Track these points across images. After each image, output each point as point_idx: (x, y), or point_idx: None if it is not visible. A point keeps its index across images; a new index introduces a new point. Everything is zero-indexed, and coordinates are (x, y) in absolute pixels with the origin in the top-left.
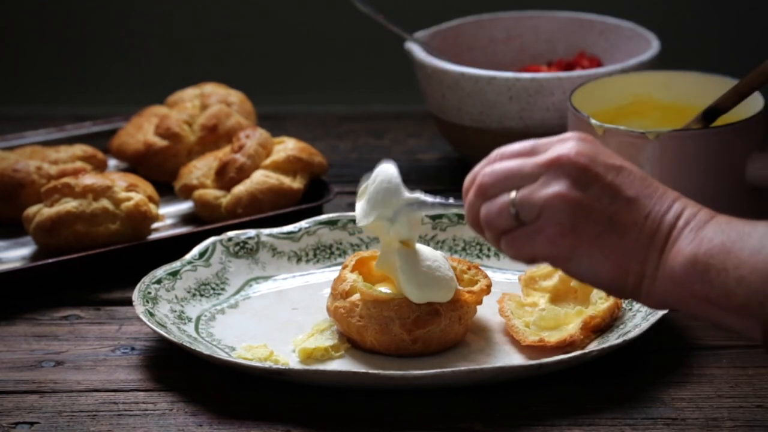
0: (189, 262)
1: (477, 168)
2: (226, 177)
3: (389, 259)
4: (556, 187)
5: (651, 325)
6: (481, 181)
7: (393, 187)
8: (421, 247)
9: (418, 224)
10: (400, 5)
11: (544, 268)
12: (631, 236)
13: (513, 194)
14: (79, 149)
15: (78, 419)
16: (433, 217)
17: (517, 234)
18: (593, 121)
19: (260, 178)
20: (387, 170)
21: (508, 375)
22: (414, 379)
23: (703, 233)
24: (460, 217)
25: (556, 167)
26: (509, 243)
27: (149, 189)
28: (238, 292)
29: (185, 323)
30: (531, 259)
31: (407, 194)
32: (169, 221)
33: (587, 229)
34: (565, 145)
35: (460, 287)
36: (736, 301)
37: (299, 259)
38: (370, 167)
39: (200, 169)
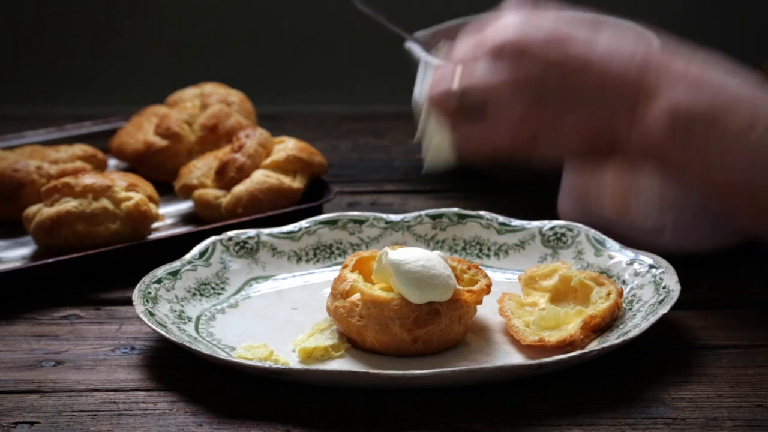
0: (189, 262)
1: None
2: (226, 177)
3: (383, 268)
4: (498, 74)
5: (651, 324)
6: (433, 80)
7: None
8: (413, 249)
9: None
10: (400, 5)
11: (544, 267)
12: (592, 101)
13: (456, 80)
14: (79, 149)
15: (78, 419)
16: (433, 217)
17: (474, 129)
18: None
19: (260, 177)
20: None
21: (508, 375)
22: (414, 379)
23: (686, 86)
24: (460, 216)
25: (496, 52)
26: (467, 139)
27: (149, 189)
28: (238, 291)
29: (185, 323)
30: (491, 156)
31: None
32: (169, 221)
33: (543, 108)
34: (502, 26)
35: (459, 287)
36: (720, 177)
37: (299, 259)
38: (370, 167)
39: (200, 169)
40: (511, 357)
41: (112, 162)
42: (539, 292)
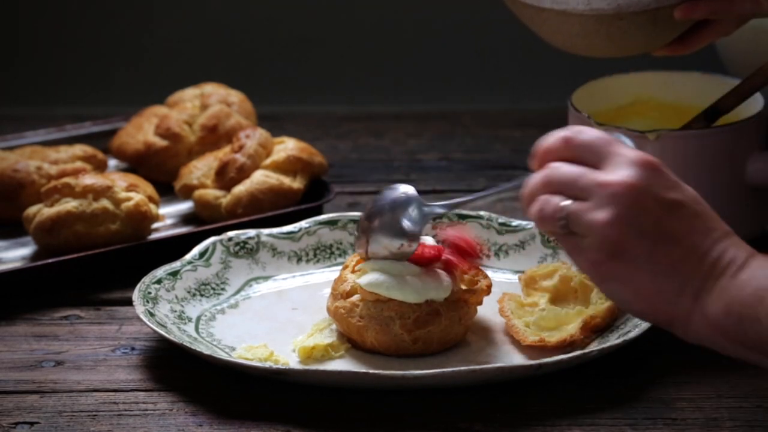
0: (189, 262)
1: (552, 142)
2: (226, 177)
3: (375, 280)
4: (602, 215)
5: (651, 324)
6: (549, 173)
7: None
8: (372, 264)
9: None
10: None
11: (544, 267)
12: (665, 279)
13: (566, 203)
14: (79, 149)
15: (78, 419)
16: (434, 218)
17: (566, 239)
18: (593, 121)
19: (260, 178)
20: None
21: (508, 375)
22: (414, 379)
23: (738, 280)
24: (460, 217)
25: (610, 193)
26: (559, 241)
27: (149, 189)
28: (238, 292)
29: (185, 323)
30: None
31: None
32: (169, 221)
33: (623, 263)
34: (625, 169)
35: (460, 287)
36: None
37: (299, 259)
38: (370, 167)
39: (200, 169)
40: (511, 357)
41: (112, 162)
42: (539, 292)
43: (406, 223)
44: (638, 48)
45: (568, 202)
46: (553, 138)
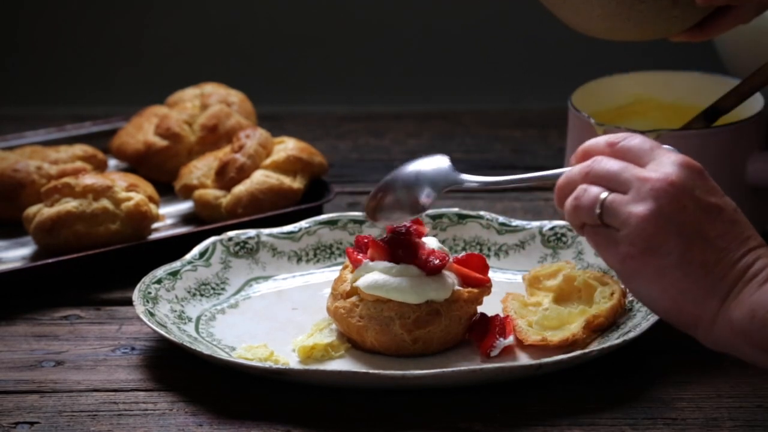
0: (189, 262)
1: (595, 143)
2: (226, 177)
3: (374, 282)
4: (641, 208)
5: (651, 325)
6: (591, 164)
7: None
8: (370, 266)
9: None
10: None
11: (548, 267)
12: (695, 278)
13: (605, 194)
14: (79, 149)
15: (78, 419)
16: (433, 217)
17: (597, 231)
18: (593, 121)
19: (260, 178)
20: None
21: (508, 375)
22: (414, 379)
23: (766, 288)
24: (460, 217)
25: (651, 188)
26: (588, 235)
27: (149, 189)
28: (238, 292)
29: (185, 323)
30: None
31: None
32: (169, 221)
33: (655, 259)
34: (668, 168)
35: (460, 287)
36: None
37: (299, 259)
38: (370, 167)
39: (200, 169)
40: (511, 357)
41: (112, 162)
42: (543, 291)
43: (431, 179)
44: (658, 32)
45: (606, 194)
46: (597, 140)
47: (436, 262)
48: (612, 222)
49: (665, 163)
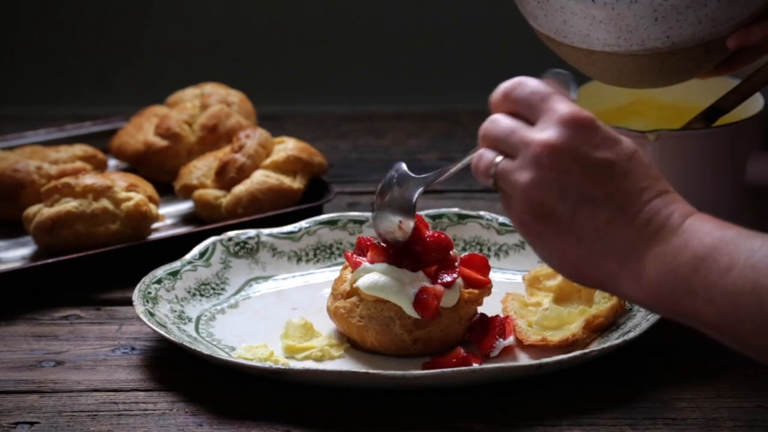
0: (189, 262)
1: (495, 95)
2: (226, 177)
3: (374, 283)
4: (525, 176)
5: (651, 325)
6: (484, 126)
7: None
8: (370, 268)
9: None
10: None
11: (548, 267)
12: (589, 242)
13: (498, 159)
14: (79, 149)
15: (78, 419)
16: (433, 217)
17: (501, 197)
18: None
19: (260, 178)
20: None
21: (508, 375)
22: (414, 379)
23: (671, 246)
24: (460, 217)
25: (532, 154)
26: (499, 196)
27: (149, 189)
28: (238, 292)
29: (185, 323)
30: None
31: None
32: (169, 221)
33: (547, 225)
34: (550, 130)
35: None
36: (708, 322)
37: (299, 259)
38: (370, 167)
39: (200, 169)
40: (511, 357)
41: (112, 162)
42: (543, 292)
43: (397, 200)
44: (687, 77)
45: (500, 159)
46: (497, 91)
47: (448, 279)
48: (505, 188)
49: (549, 122)
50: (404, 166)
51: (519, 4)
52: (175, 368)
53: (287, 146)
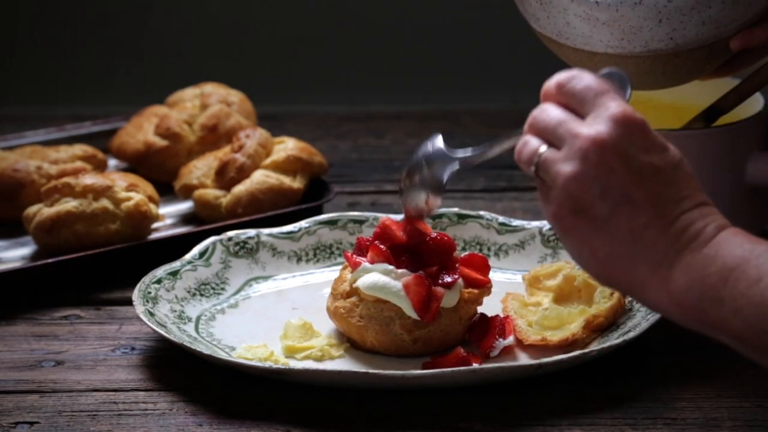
0: (189, 262)
1: (548, 85)
2: (226, 177)
3: (374, 283)
4: (568, 168)
5: (651, 325)
6: (533, 114)
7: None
8: (369, 268)
9: None
10: None
11: (548, 267)
12: (623, 244)
13: (542, 149)
14: (79, 149)
15: (78, 419)
16: (433, 217)
17: (539, 184)
18: None
19: (260, 178)
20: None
21: (508, 375)
22: (414, 379)
23: (702, 255)
24: (460, 217)
25: (579, 147)
26: (537, 185)
27: (149, 189)
28: (238, 292)
29: (185, 323)
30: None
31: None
32: (169, 221)
33: (582, 221)
34: (601, 124)
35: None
36: (733, 331)
37: (299, 259)
38: (370, 167)
39: (200, 169)
40: (511, 357)
41: (112, 162)
42: (543, 291)
43: (428, 176)
44: (690, 79)
45: (544, 148)
46: (551, 81)
47: (448, 280)
48: (546, 178)
49: (600, 118)
50: (440, 141)
51: (520, 5)
52: (175, 368)
53: (287, 146)
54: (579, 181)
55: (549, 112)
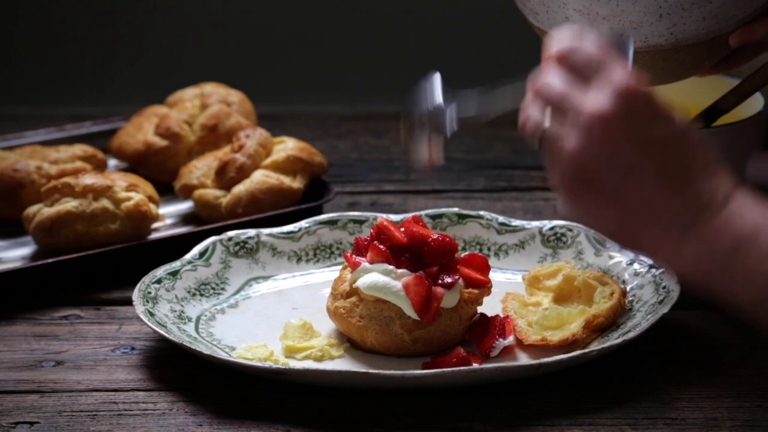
0: (189, 262)
1: (551, 54)
2: (226, 177)
3: (374, 283)
4: (572, 142)
5: (651, 324)
6: (537, 85)
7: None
8: (368, 268)
9: None
10: None
11: (548, 267)
12: (631, 214)
13: (546, 123)
14: (79, 149)
15: (78, 419)
16: (433, 217)
17: (545, 153)
18: None
19: (260, 178)
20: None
21: (508, 375)
22: (414, 379)
23: (712, 227)
24: (460, 217)
25: (582, 120)
26: (543, 155)
27: (149, 189)
28: (238, 291)
29: (185, 323)
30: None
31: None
32: (169, 221)
33: (590, 193)
34: (604, 98)
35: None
36: (743, 301)
37: (299, 259)
38: (370, 167)
39: (200, 169)
40: (511, 357)
41: (112, 162)
42: (543, 291)
43: (428, 119)
44: (688, 75)
45: (548, 122)
46: (552, 49)
47: (449, 280)
48: (551, 150)
49: (604, 90)
50: (438, 82)
51: (519, 1)
52: (175, 368)
53: (287, 146)
54: (584, 156)
55: (552, 83)
